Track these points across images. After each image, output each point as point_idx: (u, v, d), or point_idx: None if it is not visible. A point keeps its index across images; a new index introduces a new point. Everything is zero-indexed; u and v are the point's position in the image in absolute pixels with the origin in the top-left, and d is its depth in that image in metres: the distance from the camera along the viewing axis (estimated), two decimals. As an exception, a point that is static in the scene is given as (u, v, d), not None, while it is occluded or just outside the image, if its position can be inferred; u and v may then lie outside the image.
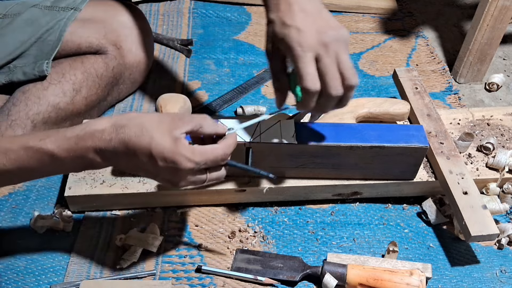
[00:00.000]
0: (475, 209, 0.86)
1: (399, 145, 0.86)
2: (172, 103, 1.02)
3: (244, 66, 1.30)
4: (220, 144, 0.70)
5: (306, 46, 0.69)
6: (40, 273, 0.85)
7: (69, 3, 1.04)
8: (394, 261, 0.85)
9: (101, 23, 1.06)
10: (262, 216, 0.95)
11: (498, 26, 1.20)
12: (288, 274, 0.84)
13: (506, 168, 0.96)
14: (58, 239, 0.90)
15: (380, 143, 0.86)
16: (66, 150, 0.66)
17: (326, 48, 0.70)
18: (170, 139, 0.66)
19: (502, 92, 1.30)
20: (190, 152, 0.66)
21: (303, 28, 0.70)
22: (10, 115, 0.96)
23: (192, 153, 0.66)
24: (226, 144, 0.71)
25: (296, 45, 0.70)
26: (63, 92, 1.00)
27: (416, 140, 0.87)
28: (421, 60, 1.34)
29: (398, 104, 1.02)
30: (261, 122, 0.86)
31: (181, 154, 0.65)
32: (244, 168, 0.76)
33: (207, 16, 1.47)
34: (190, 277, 0.85)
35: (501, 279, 0.86)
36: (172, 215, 0.94)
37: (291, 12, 0.71)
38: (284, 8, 0.71)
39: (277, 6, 0.72)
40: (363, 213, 0.96)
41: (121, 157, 0.67)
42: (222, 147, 0.70)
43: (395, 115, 1.01)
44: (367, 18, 1.50)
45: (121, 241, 0.87)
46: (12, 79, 1.00)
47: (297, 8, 0.71)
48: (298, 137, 0.85)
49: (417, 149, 0.87)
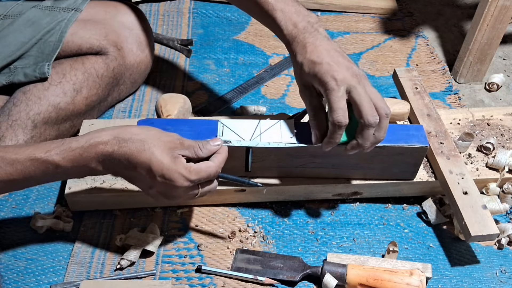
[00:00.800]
0: (475, 209, 0.86)
1: (399, 145, 0.86)
2: (172, 103, 1.02)
3: (244, 66, 1.30)
4: (213, 162, 0.75)
5: (340, 79, 0.74)
6: (40, 273, 0.85)
7: (70, 4, 1.04)
8: (394, 261, 0.85)
9: (102, 24, 1.06)
10: (262, 216, 0.95)
11: (498, 26, 1.20)
12: (288, 274, 0.84)
13: (506, 168, 0.96)
14: (58, 239, 0.90)
15: (380, 143, 0.85)
16: (70, 161, 0.70)
17: (358, 79, 0.75)
18: (169, 157, 0.71)
19: (502, 92, 1.30)
20: (187, 171, 0.71)
21: (333, 63, 0.75)
22: (11, 115, 0.96)
23: (189, 172, 0.71)
24: (219, 161, 0.76)
25: (330, 78, 0.75)
26: (63, 92, 1.00)
27: (416, 140, 0.87)
28: (421, 60, 1.34)
29: (398, 104, 1.02)
30: (261, 122, 0.87)
31: (178, 172, 0.71)
32: (233, 179, 0.80)
33: (207, 16, 1.47)
34: (190, 277, 0.85)
35: (501, 279, 0.86)
36: (172, 215, 0.94)
37: (318, 52, 0.77)
38: (310, 49, 0.77)
39: (303, 49, 0.78)
40: (363, 213, 0.96)
41: (121, 168, 0.72)
42: (215, 165, 0.75)
43: (395, 115, 1.01)
44: (367, 18, 1.50)
45: (121, 241, 0.87)
46: (13, 80, 1.00)
47: (322, 48, 0.77)
48: (298, 138, 0.85)
49: (417, 149, 0.87)
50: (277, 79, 1.27)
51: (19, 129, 0.96)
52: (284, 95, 1.23)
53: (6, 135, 0.95)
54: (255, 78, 1.26)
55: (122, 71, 1.10)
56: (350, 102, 0.77)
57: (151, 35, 1.16)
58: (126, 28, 1.09)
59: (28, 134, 0.97)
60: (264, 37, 1.40)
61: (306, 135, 0.85)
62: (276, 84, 1.26)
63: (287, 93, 1.23)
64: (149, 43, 1.14)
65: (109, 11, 1.09)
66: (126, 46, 1.08)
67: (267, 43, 1.38)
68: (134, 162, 0.70)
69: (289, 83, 1.26)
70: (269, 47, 1.37)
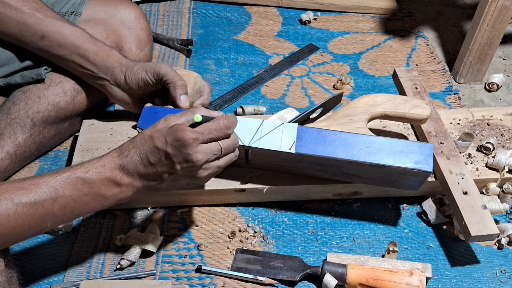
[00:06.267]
0: (475, 209, 0.85)
1: (400, 166, 0.81)
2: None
3: (244, 66, 1.30)
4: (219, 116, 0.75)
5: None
6: (40, 273, 0.85)
7: (69, 8, 1.04)
8: (394, 261, 0.85)
9: (102, 25, 1.05)
10: (262, 216, 0.95)
11: (498, 26, 1.20)
12: (288, 274, 0.84)
13: (506, 168, 0.96)
14: (58, 239, 0.90)
15: (380, 162, 0.81)
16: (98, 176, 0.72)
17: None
18: (167, 128, 0.72)
19: (502, 92, 1.30)
20: (192, 129, 0.71)
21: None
22: (10, 114, 0.96)
23: (195, 130, 0.71)
24: (225, 115, 0.75)
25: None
26: (63, 91, 1.00)
27: (420, 163, 0.81)
28: (421, 60, 1.34)
29: (418, 108, 0.92)
30: (263, 123, 0.85)
31: (181, 129, 0.70)
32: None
33: (207, 16, 1.47)
34: (190, 277, 0.85)
35: (501, 279, 0.86)
36: (172, 215, 0.94)
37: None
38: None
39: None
40: (363, 213, 0.96)
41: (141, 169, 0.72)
42: (222, 117, 0.74)
43: (412, 119, 0.93)
44: (367, 18, 1.50)
45: (121, 241, 0.87)
46: (10, 82, 1.00)
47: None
48: (298, 145, 0.83)
49: (418, 173, 0.82)
50: (277, 79, 1.27)
51: (18, 127, 0.96)
52: (284, 95, 1.23)
53: (4, 133, 0.95)
54: (255, 78, 1.26)
55: (122, 71, 1.09)
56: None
57: (150, 33, 1.16)
58: (126, 28, 1.08)
59: (27, 132, 0.97)
60: (264, 37, 1.40)
61: (307, 143, 0.83)
62: (276, 84, 1.26)
63: (287, 93, 1.23)
64: (148, 42, 1.14)
65: (109, 10, 1.08)
66: (126, 46, 1.08)
67: (267, 43, 1.38)
68: (144, 151, 0.71)
69: (289, 83, 1.26)
70: (269, 47, 1.37)
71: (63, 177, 0.68)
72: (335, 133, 0.84)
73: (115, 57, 0.95)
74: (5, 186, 0.65)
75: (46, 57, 0.97)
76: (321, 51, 1.36)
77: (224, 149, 0.74)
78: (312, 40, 1.40)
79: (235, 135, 0.76)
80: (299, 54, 1.35)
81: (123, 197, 0.73)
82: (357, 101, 0.94)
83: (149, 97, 0.97)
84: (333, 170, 0.87)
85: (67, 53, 0.95)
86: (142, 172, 0.72)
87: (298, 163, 0.87)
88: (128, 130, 1.02)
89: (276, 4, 1.51)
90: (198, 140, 0.71)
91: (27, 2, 0.93)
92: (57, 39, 0.94)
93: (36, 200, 0.65)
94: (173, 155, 0.71)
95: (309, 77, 1.28)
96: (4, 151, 0.95)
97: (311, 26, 1.45)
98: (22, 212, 0.64)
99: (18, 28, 0.93)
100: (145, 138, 0.72)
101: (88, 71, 0.96)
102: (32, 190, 0.66)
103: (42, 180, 0.67)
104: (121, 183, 0.72)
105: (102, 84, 0.96)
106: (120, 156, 0.72)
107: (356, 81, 1.27)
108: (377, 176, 0.86)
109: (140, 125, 0.90)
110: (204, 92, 0.99)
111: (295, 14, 1.49)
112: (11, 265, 0.70)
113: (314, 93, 1.24)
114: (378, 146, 0.82)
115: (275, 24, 1.45)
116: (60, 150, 1.07)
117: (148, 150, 0.71)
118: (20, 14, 0.92)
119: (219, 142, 0.73)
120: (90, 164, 0.71)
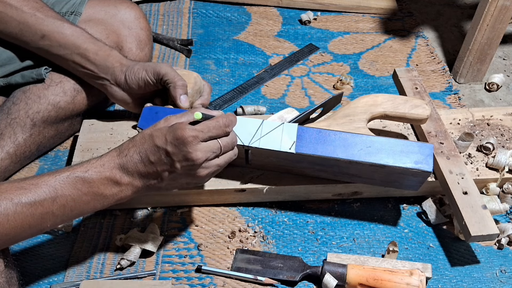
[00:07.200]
0: (475, 209, 0.85)
1: (400, 166, 0.81)
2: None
3: (244, 66, 1.30)
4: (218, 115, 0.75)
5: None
6: (40, 273, 0.85)
7: (69, 8, 1.04)
8: (394, 261, 0.85)
9: (103, 25, 1.05)
10: (262, 216, 0.95)
11: (498, 26, 1.20)
12: (288, 274, 0.84)
13: (506, 168, 0.96)
14: (58, 239, 0.90)
15: (380, 162, 0.81)
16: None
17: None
18: (167, 127, 0.72)
19: (502, 92, 1.30)
20: (192, 127, 0.71)
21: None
22: (10, 114, 0.96)
23: (194, 128, 0.71)
24: (224, 114, 0.75)
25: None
26: (63, 91, 1.00)
27: (420, 163, 0.81)
28: (421, 60, 1.34)
29: (418, 108, 0.92)
30: (263, 123, 0.85)
31: (180, 127, 0.70)
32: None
33: (207, 16, 1.47)
34: (190, 277, 0.85)
35: (501, 279, 0.86)
36: (172, 215, 0.94)
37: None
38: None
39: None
40: (363, 213, 0.96)
41: (141, 167, 0.72)
42: (221, 115, 0.75)
43: (412, 119, 0.93)
44: (367, 18, 1.50)
45: (121, 241, 0.87)
46: (10, 82, 1.00)
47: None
48: (298, 145, 0.83)
49: (418, 173, 0.82)
50: (277, 79, 1.27)
51: (18, 127, 0.96)
52: (284, 95, 1.23)
53: (4, 132, 0.95)
54: (255, 78, 1.26)
55: (122, 71, 1.09)
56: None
57: (150, 33, 1.16)
58: (126, 28, 1.08)
59: (27, 132, 0.97)
60: (264, 37, 1.40)
61: (307, 143, 0.83)
62: (276, 84, 1.26)
63: (287, 93, 1.23)
64: (148, 42, 1.14)
65: (109, 10, 1.08)
66: (126, 46, 1.08)
67: (267, 43, 1.38)
68: (143, 150, 0.71)
69: (289, 83, 1.26)
70: (269, 47, 1.37)
71: (62, 176, 0.68)
72: (335, 133, 0.84)
73: (116, 57, 0.95)
74: (5, 186, 0.65)
75: (47, 57, 0.97)
76: (321, 51, 1.37)
77: (223, 147, 0.74)
78: (312, 40, 1.40)
79: (234, 133, 0.76)
80: (299, 54, 1.35)
81: (122, 197, 0.73)
82: (357, 101, 0.94)
83: (149, 97, 0.97)
84: (333, 170, 0.87)
85: (68, 53, 0.95)
86: (142, 171, 0.72)
87: (298, 163, 0.87)
88: (128, 130, 1.02)
89: (276, 4, 1.51)
90: (198, 138, 0.71)
91: (28, 2, 0.93)
92: (57, 39, 0.94)
93: (35, 200, 0.65)
94: (173, 153, 0.71)
95: (309, 77, 1.28)
96: (4, 151, 0.95)
97: (311, 26, 1.45)
98: (22, 212, 0.64)
99: (18, 28, 0.93)
100: (145, 137, 0.72)
101: (89, 71, 0.96)
102: (31, 190, 0.66)
103: (42, 180, 0.67)
104: (121, 183, 0.72)
105: (103, 84, 0.96)
106: (119, 155, 0.72)
107: (356, 81, 1.27)
108: (377, 176, 0.86)
109: (140, 125, 0.90)
110: (204, 92, 0.99)
111: (295, 14, 1.49)
112: (11, 265, 0.70)
113: (314, 93, 1.24)
114: (378, 146, 0.82)
115: (275, 24, 1.45)
116: (60, 150, 1.07)
117: (148, 148, 0.71)
118: (21, 13, 0.92)
119: (218, 140, 0.74)
120: (90, 164, 0.71)
